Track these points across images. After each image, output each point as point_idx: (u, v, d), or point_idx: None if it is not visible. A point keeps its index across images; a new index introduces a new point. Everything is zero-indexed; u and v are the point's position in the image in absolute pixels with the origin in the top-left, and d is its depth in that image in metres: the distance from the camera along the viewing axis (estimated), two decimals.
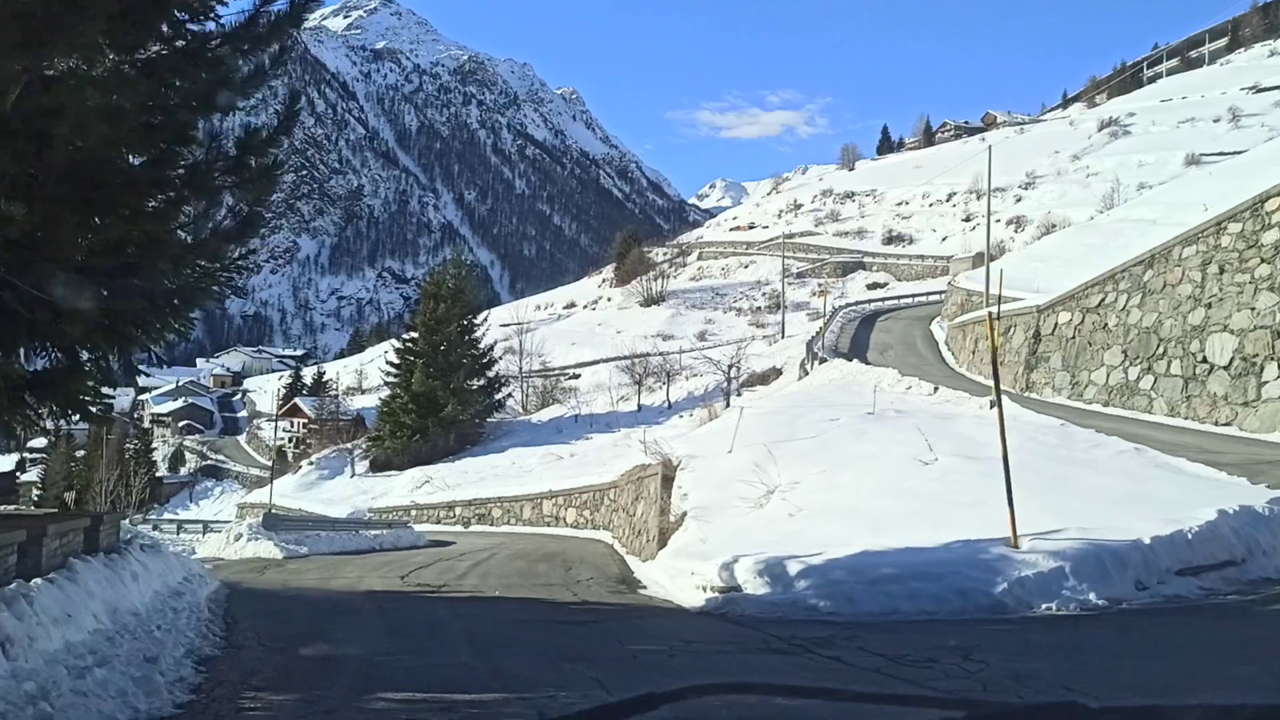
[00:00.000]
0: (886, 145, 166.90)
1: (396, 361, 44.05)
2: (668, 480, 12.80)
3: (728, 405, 31.98)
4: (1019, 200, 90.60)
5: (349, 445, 44.11)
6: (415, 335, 43.64)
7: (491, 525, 28.24)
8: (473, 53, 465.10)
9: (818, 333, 34.38)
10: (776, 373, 34.29)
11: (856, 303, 53.39)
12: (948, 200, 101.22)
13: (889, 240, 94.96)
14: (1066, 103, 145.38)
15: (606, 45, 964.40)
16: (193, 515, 54.45)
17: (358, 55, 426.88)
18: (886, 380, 17.88)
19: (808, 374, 24.90)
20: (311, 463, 44.73)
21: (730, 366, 35.52)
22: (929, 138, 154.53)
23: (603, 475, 24.03)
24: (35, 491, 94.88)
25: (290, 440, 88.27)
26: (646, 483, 15.02)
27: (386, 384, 44.85)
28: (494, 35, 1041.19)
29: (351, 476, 40.87)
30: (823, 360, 25.08)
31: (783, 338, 50.13)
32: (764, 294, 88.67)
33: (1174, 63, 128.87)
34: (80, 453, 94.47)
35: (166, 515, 64.37)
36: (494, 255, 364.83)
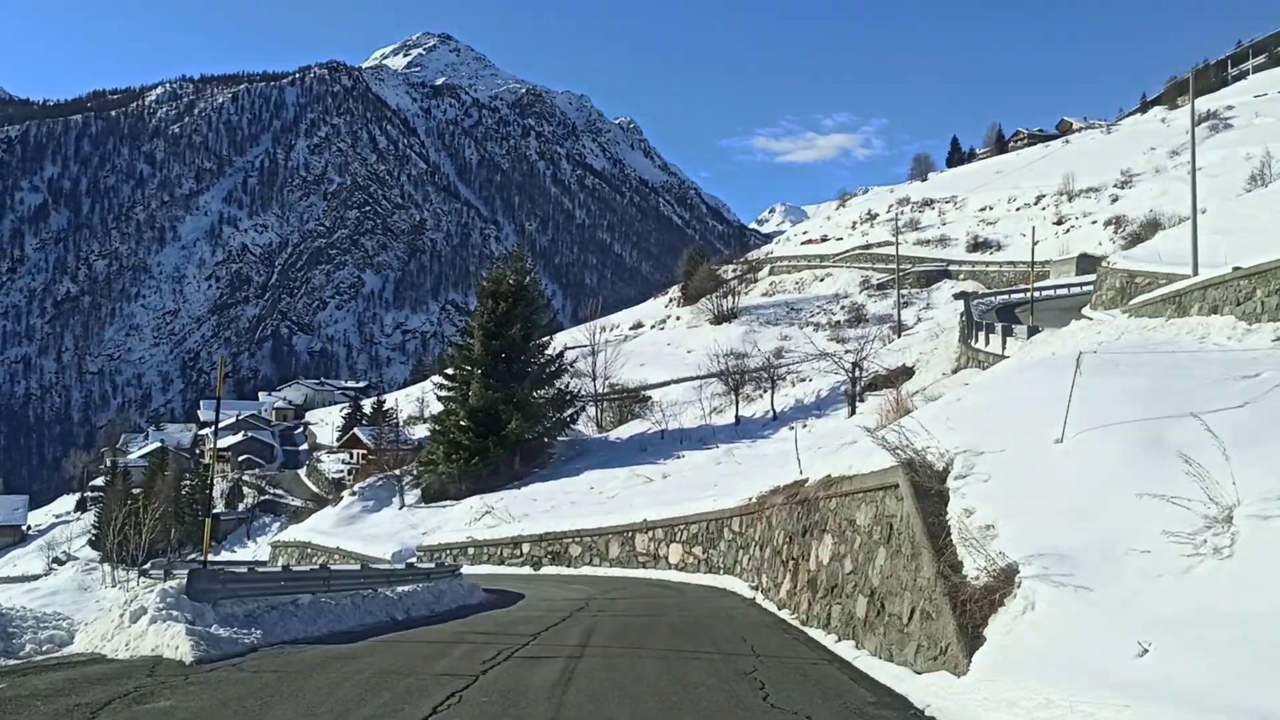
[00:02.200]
0: (957, 157, 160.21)
1: (451, 373, 37.90)
2: (932, 497, 6.55)
3: (853, 411, 25.82)
4: (1115, 200, 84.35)
5: (397, 471, 38.06)
6: (472, 341, 37.21)
7: (569, 566, 22.21)
8: (531, 85, 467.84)
9: (963, 312, 27.95)
10: (907, 371, 28.04)
11: (980, 296, 46.93)
12: (1036, 203, 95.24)
13: (974, 247, 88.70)
14: (1145, 106, 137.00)
15: (660, 76, 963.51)
16: (241, 555, 49.49)
17: (418, 92, 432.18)
18: (1216, 332, 11.49)
19: (997, 354, 18.33)
20: (354, 493, 38.90)
21: (854, 365, 29.20)
22: (1001, 146, 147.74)
23: (718, 499, 17.95)
24: (92, 531, 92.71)
25: (349, 472, 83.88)
26: (851, 505, 8.76)
27: (440, 399, 38.72)
28: (551, 69, 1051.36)
29: (400, 508, 34.90)
30: (1033, 330, 18.55)
31: (897, 338, 43.93)
32: (842, 307, 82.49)
33: (1261, 59, 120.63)
34: (137, 490, 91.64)
35: (215, 556, 59.90)
36: (556, 285, 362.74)
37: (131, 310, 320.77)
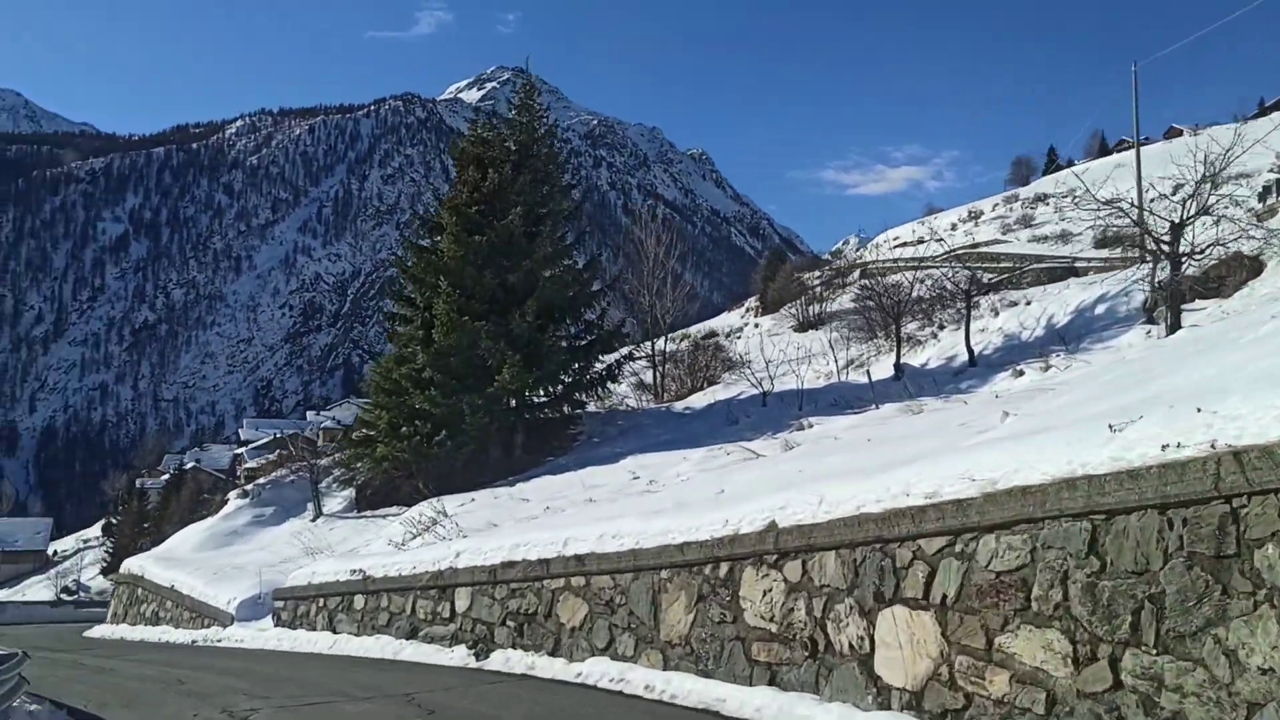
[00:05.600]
0: (1054, 165, 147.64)
1: (409, 292, 23.82)
2: None
3: (1176, 325, 13.94)
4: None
5: (312, 461, 25.49)
6: (439, 240, 22.86)
7: (555, 653, 9.45)
8: (603, 117, 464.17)
9: None
10: (1245, 264, 15.89)
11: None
12: (1174, 194, 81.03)
13: (1102, 243, 74.57)
14: (1264, 110, 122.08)
15: (730, 108, 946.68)
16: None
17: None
18: None
19: None
20: (247, 494, 26.75)
21: (1174, 228, 16.74)
22: (1104, 155, 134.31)
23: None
24: (106, 555, 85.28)
25: None
26: None
27: (388, 335, 24.44)
28: (623, 101, 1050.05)
29: (315, 519, 22.64)
30: None
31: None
32: (948, 313, 69.51)
33: None
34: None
35: None
36: (626, 314, 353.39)
37: (207, 338, 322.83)
